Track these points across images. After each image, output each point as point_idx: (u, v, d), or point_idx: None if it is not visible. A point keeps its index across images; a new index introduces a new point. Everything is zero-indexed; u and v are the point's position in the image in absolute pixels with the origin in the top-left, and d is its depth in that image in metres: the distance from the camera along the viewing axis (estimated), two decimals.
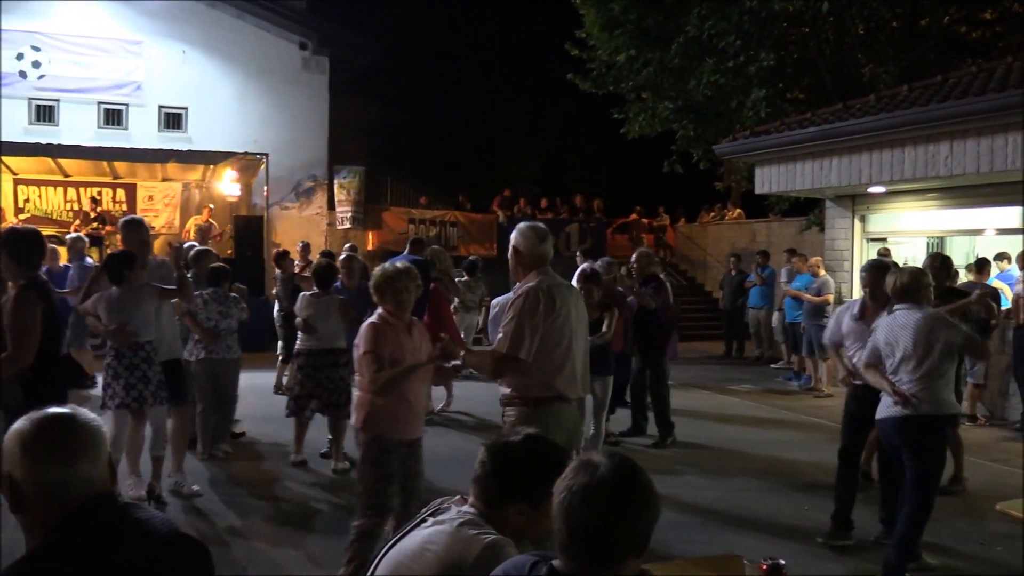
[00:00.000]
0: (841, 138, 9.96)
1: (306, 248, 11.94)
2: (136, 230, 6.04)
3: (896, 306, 4.74)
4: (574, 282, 6.01)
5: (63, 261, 9.92)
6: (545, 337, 3.87)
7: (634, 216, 20.91)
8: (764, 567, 2.59)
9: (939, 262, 6.52)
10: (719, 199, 21.82)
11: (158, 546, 1.77)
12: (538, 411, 3.88)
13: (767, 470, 7.05)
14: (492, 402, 4.60)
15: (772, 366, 13.01)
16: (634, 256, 8.51)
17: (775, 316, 13.24)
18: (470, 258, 12.10)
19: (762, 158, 11.64)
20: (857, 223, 11.54)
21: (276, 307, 10.37)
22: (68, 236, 10.38)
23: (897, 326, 4.66)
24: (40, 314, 4.19)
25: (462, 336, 9.67)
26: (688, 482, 6.64)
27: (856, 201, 11.43)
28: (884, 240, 11.51)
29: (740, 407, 10.14)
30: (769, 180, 11.76)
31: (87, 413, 1.80)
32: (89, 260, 9.79)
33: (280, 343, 9.93)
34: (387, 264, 4.37)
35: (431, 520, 2.41)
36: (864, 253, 11.27)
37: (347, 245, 11.43)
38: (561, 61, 17.27)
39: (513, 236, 4.10)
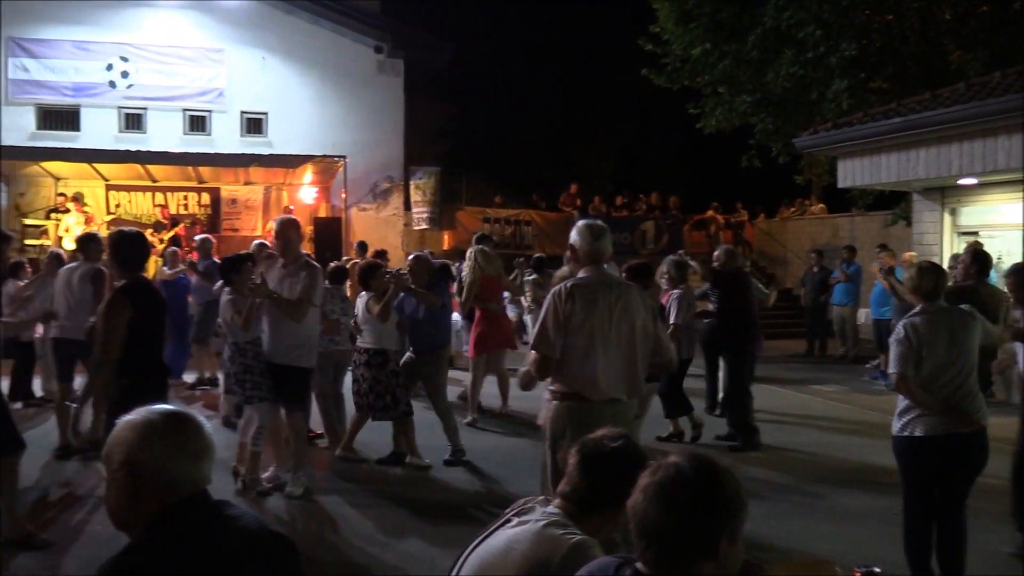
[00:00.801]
0: (929, 128, 9.62)
1: (362, 247, 12.00)
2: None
3: None
4: None
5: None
6: (568, 336, 3.89)
7: (711, 212, 20.56)
8: (858, 574, 2.49)
9: None
10: (799, 193, 21.29)
11: (249, 542, 1.81)
12: (564, 407, 3.95)
13: (853, 474, 6.82)
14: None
15: (867, 365, 12.43)
16: (716, 252, 8.35)
17: (861, 313, 12.84)
18: (536, 255, 12.02)
19: (845, 151, 11.33)
20: (947, 216, 11.13)
21: None
22: (197, 237, 10.90)
23: None
24: (127, 317, 4.39)
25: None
26: (771, 484, 6.47)
27: (945, 193, 11.02)
28: (976, 234, 11.04)
29: (823, 407, 9.85)
30: (852, 173, 11.43)
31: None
32: (217, 260, 10.15)
33: None
34: None
35: (515, 520, 2.40)
36: (954, 247, 10.86)
37: (426, 251, 11.52)
38: (635, 57, 17.12)
39: (572, 233, 4.13)
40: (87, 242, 7.59)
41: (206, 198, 17.03)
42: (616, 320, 3.93)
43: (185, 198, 16.82)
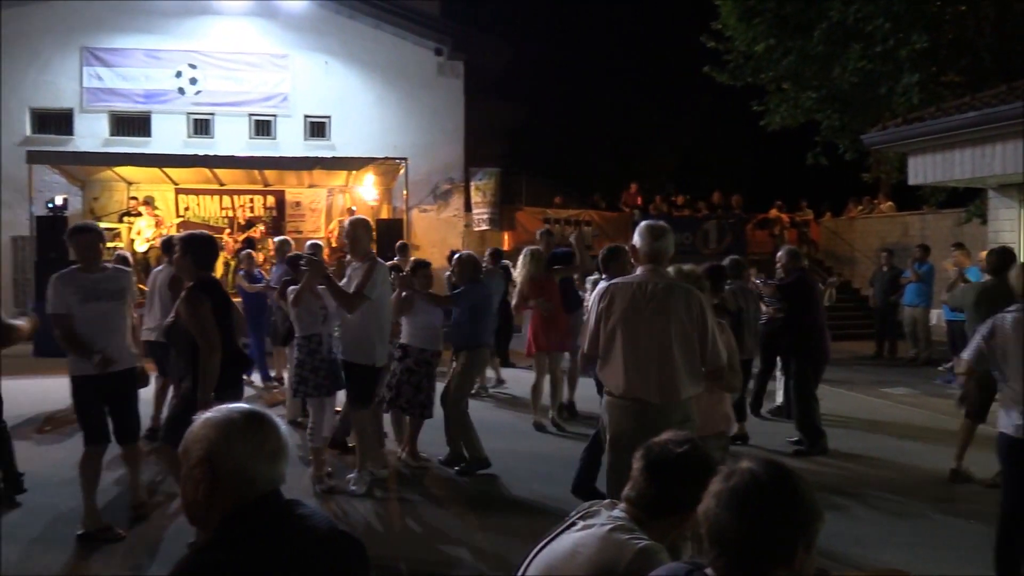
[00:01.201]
0: (1006, 122, 9.24)
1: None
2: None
3: None
4: None
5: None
6: (604, 334, 4.06)
7: (774, 211, 20.17)
8: None
9: None
10: (867, 191, 20.75)
11: (319, 543, 1.83)
12: (607, 401, 4.13)
13: (925, 482, 6.61)
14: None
15: (939, 368, 12.00)
16: (779, 254, 8.18)
17: (933, 314, 12.45)
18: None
19: (916, 147, 10.98)
20: None
21: None
22: (276, 239, 11.05)
23: None
24: (210, 308, 4.56)
25: None
26: (840, 490, 6.29)
27: (1022, 190, 10.60)
28: None
29: (893, 411, 9.57)
30: (924, 170, 11.08)
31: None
32: None
33: None
34: None
35: (580, 524, 2.38)
36: None
37: (489, 250, 11.50)
38: (696, 54, 16.90)
39: (635, 234, 4.19)
40: (169, 246, 7.81)
41: (271, 201, 17.37)
42: (648, 321, 3.94)
43: (251, 201, 17.18)
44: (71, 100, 16.51)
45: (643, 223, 4.21)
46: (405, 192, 16.32)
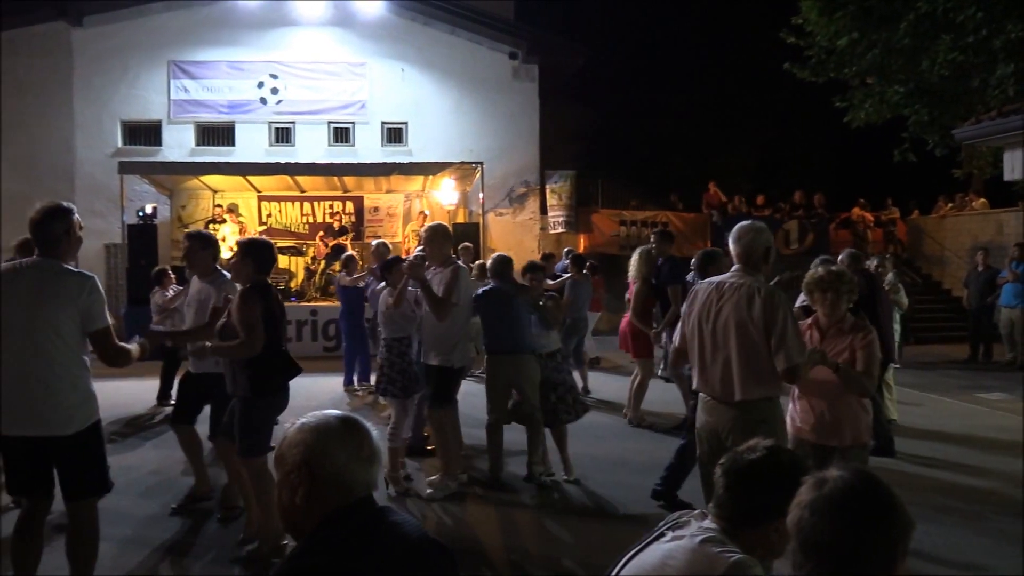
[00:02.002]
0: None
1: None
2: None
3: None
4: None
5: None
6: (688, 332, 4.25)
7: (858, 210, 19.59)
8: None
9: None
10: (957, 188, 19.96)
11: (409, 550, 1.83)
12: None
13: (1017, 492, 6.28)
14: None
15: None
16: (840, 256, 7.89)
17: None
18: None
19: (1012, 140, 10.46)
20: None
21: None
22: (374, 242, 10.95)
23: None
24: (261, 311, 4.64)
25: None
26: (929, 500, 6.03)
27: None
28: None
29: (989, 418, 9.15)
30: (1020, 165, 10.57)
31: None
32: None
33: None
34: None
35: (670, 535, 2.31)
36: None
37: (565, 250, 11.48)
38: (775, 50, 16.50)
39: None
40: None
41: (350, 206, 17.65)
42: (714, 319, 4.06)
43: (331, 206, 17.49)
44: (159, 112, 17.10)
45: (737, 225, 4.24)
46: (481, 196, 16.40)
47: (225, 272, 5.40)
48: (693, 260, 6.50)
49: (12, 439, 3.78)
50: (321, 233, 16.24)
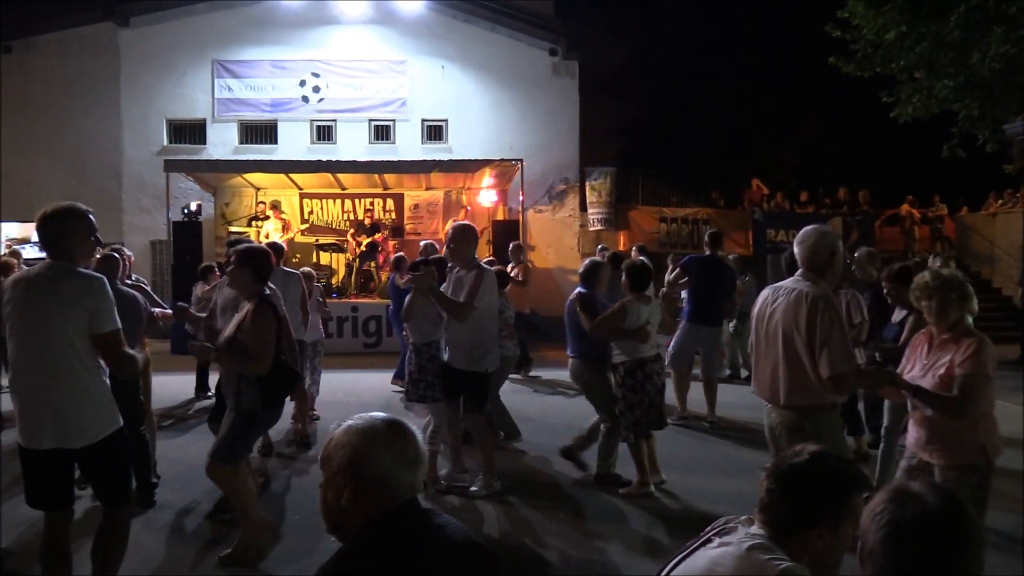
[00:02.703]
0: None
1: (517, 250, 11.98)
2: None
3: None
4: None
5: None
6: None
7: (905, 207, 19.20)
8: None
9: None
10: (1009, 184, 19.46)
11: (454, 552, 1.83)
12: None
13: None
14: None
15: None
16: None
17: None
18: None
19: None
20: None
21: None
22: (423, 243, 11.03)
23: None
24: (275, 326, 4.60)
25: None
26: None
27: None
28: None
29: None
30: None
31: None
32: None
33: None
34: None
35: (717, 540, 2.26)
36: None
37: (599, 247, 11.40)
38: (819, 44, 16.22)
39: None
40: (276, 251, 8.11)
41: (390, 204, 17.74)
42: (766, 323, 4.11)
43: (371, 204, 17.60)
44: (204, 111, 17.34)
45: (803, 229, 4.19)
46: (521, 193, 16.39)
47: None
48: (580, 270, 6.55)
49: (29, 452, 3.62)
50: (352, 231, 16.33)
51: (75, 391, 3.56)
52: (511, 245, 12.12)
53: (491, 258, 11.35)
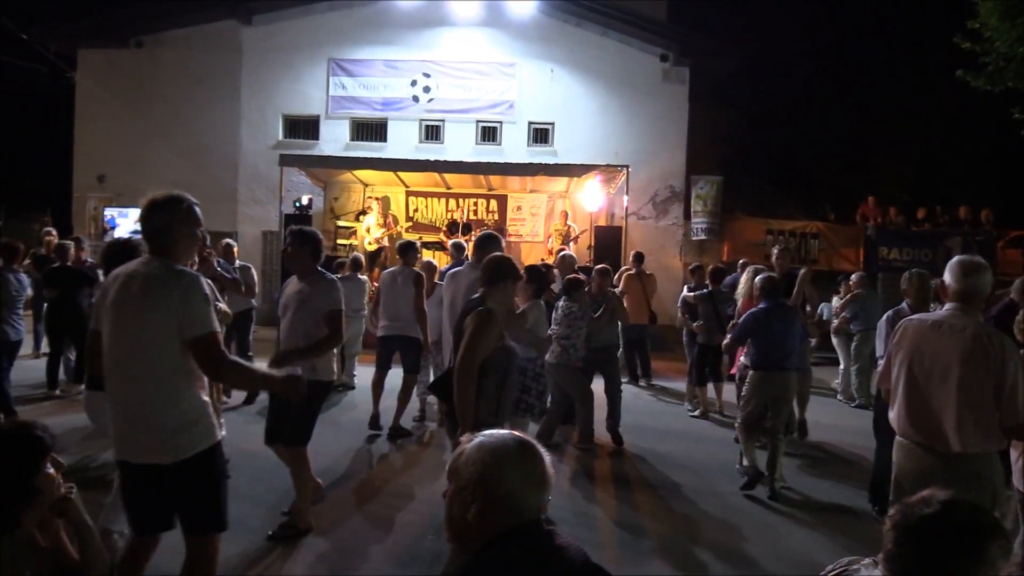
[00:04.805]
0: None
1: (639, 257, 11.91)
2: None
3: None
4: None
5: None
6: (894, 370, 4.00)
7: None
8: None
9: None
10: None
11: (572, 574, 1.83)
12: (896, 441, 4.03)
13: None
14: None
15: None
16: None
17: None
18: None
19: None
20: None
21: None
22: (562, 254, 11.02)
23: None
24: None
25: None
26: None
27: None
28: None
29: None
30: None
31: None
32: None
33: None
34: None
35: None
36: None
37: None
38: (943, 55, 15.54)
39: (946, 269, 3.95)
40: (406, 249, 8.28)
41: (494, 205, 17.87)
42: (929, 361, 3.79)
43: (475, 204, 17.77)
44: (318, 107, 17.82)
45: (956, 259, 3.92)
46: (625, 200, 16.25)
47: (328, 273, 5.22)
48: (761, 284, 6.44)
49: (126, 465, 3.35)
50: (444, 229, 16.41)
51: (166, 401, 3.25)
52: (633, 253, 12.21)
53: (589, 264, 11.34)
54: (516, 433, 1.96)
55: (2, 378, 7.89)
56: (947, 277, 3.88)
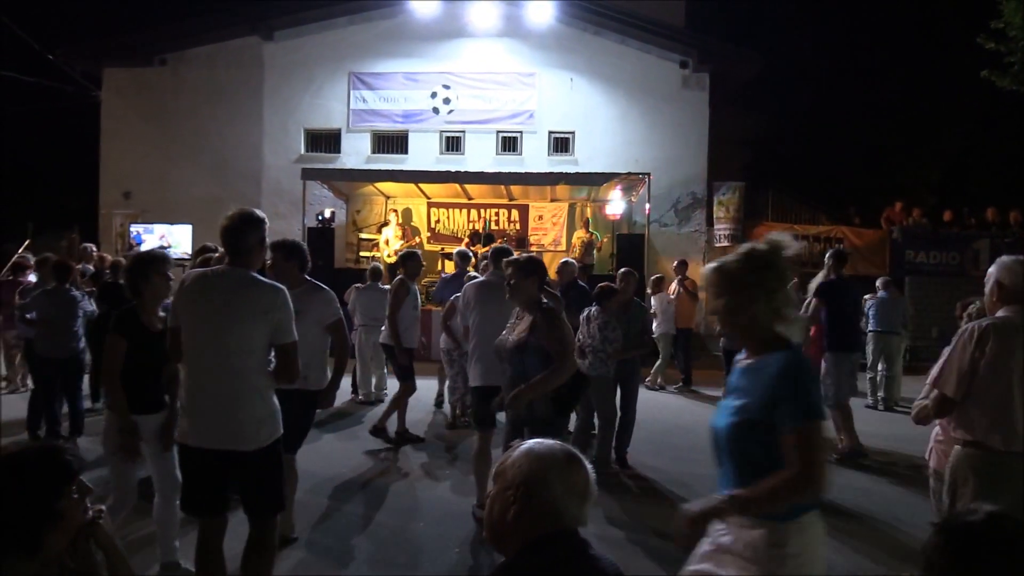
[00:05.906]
0: None
1: (682, 265, 11.93)
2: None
3: None
4: None
5: None
6: (977, 379, 3.59)
7: None
8: None
9: None
10: None
11: None
12: (964, 454, 3.68)
13: None
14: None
15: None
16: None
17: None
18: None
19: None
20: None
21: None
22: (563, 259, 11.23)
23: None
24: None
25: None
26: None
27: None
28: None
29: None
30: None
31: None
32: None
33: None
34: None
35: None
36: None
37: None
38: (967, 55, 15.38)
39: (995, 268, 3.76)
40: (406, 259, 8.29)
41: (515, 214, 17.89)
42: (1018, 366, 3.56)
43: (496, 214, 17.80)
44: (339, 121, 17.95)
45: (1009, 258, 3.76)
46: (647, 207, 16.19)
47: (316, 281, 5.18)
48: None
49: (195, 453, 3.68)
50: (466, 240, 16.38)
51: (252, 395, 3.65)
52: (676, 262, 12.51)
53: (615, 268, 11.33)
54: (565, 444, 1.99)
55: (76, 396, 7.78)
56: (1007, 276, 3.70)
